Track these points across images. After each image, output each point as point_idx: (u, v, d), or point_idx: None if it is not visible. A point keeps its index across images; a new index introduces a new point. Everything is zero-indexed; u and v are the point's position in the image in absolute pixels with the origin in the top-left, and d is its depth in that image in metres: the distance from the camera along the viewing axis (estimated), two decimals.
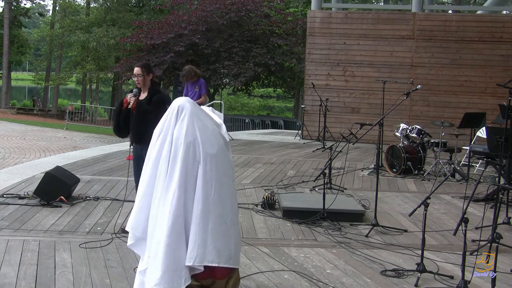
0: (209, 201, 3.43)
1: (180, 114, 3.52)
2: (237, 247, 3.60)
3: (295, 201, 6.57)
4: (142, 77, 5.36)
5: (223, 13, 19.28)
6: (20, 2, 37.77)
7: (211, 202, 3.43)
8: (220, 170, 3.51)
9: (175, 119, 3.52)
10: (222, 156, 3.55)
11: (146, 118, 5.24)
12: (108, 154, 10.50)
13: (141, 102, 5.35)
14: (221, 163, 3.53)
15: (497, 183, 7.21)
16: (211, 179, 3.45)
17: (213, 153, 3.47)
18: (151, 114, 5.23)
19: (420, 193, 7.91)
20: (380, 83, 10.36)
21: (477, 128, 9.77)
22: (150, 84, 5.42)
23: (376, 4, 38.07)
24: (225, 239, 3.48)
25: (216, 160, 3.49)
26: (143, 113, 5.29)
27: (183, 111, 3.52)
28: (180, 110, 3.53)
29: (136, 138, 5.40)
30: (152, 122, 5.21)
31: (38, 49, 42.18)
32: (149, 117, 5.22)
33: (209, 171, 3.44)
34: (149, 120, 5.22)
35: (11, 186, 7.20)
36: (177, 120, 3.52)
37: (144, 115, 5.27)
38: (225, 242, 3.47)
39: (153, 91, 5.39)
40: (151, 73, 5.42)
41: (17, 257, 4.61)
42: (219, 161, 3.51)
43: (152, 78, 5.46)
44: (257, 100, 48.82)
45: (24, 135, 16.94)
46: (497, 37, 13.55)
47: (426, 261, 4.62)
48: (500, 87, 5.84)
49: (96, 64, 31.86)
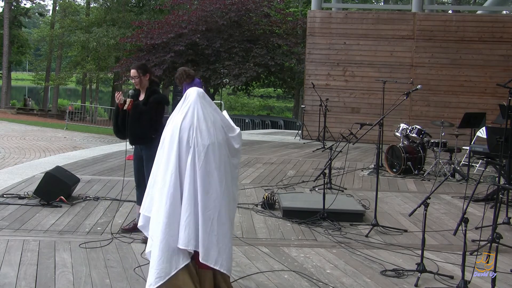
0: (195, 189, 3.52)
1: (184, 100, 3.70)
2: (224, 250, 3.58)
3: (295, 201, 6.57)
4: (139, 79, 5.31)
5: (223, 13, 19.26)
6: (20, 2, 37.80)
7: (198, 190, 3.52)
8: (213, 161, 3.56)
9: (180, 105, 3.70)
10: (219, 150, 3.60)
11: (141, 119, 5.20)
12: (108, 154, 10.50)
13: (137, 104, 5.31)
14: (217, 155, 3.58)
15: (497, 183, 7.21)
16: (201, 168, 3.52)
17: (207, 144, 3.55)
18: (147, 115, 5.20)
19: (420, 193, 7.91)
20: (380, 83, 10.37)
21: (477, 128, 9.77)
22: (148, 85, 5.38)
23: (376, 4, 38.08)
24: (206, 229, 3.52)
25: (212, 151, 3.56)
26: (138, 114, 5.24)
27: (187, 98, 3.70)
28: (186, 97, 3.72)
29: (132, 139, 5.36)
30: (148, 123, 5.21)
31: (38, 49, 42.21)
32: (145, 118, 5.19)
33: (202, 161, 3.52)
34: (144, 121, 5.20)
35: (11, 186, 7.20)
36: (181, 106, 3.68)
37: (140, 116, 5.22)
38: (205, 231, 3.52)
39: (150, 92, 5.35)
40: (147, 74, 5.36)
41: (17, 257, 4.61)
42: (215, 152, 3.57)
43: (151, 78, 5.41)
44: (257, 100, 48.82)
45: (24, 135, 16.95)
46: (497, 37, 13.55)
47: (426, 261, 4.62)
48: (500, 87, 5.84)
49: (96, 64, 31.87)
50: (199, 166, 3.51)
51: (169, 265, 3.48)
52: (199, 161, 3.51)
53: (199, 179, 3.51)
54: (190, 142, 3.53)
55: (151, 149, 4.94)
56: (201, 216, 3.50)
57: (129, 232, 5.38)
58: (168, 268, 3.48)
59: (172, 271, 3.48)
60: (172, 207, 3.50)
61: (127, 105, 5.28)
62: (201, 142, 3.53)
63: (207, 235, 3.50)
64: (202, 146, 3.53)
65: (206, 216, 3.50)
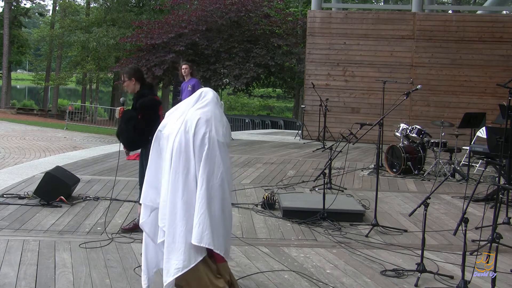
0: (213, 183, 3.54)
1: (201, 97, 3.72)
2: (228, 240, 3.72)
3: (295, 201, 6.56)
4: (126, 83, 5.25)
5: (223, 13, 19.27)
6: (20, 2, 37.78)
7: (214, 184, 3.54)
8: (227, 159, 3.65)
9: (194, 102, 3.71)
10: (226, 151, 3.68)
11: (129, 124, 5.16)
12: (108, 154, 10.49)
13: (128, 110, 5.29)
14: (225, 156, 3.65)
15: (497, 183, 7.21)
16: (219, 163, 3.56)
17: (222, 141, 3.60)
18: (133, 121, 5.15)
19: (420, 193, 7.91)
20: (380, 83, 10.37)
21: (477, 128, 9.77)
22: (139, 88, 5.28)
23: (376, 4, 38.07)
24: (221, 226, 3.58)
25: (225, 149, 3.63)
26: (126, 120, 5.20)
27: (205, 96, 3.74)
28: (203, 95, 3.74)
29: (125, 145, 5.34)
30: (136, 128, 5.14)
31: (38, 49, 42.16)
32: (131, 123, 5.14)
33: (217, 156, 3.56)
34: (131, 126, 5.13)
35: (11, 186, 7.20)
36: (197, 103, 3.70)
37: (128, 121, 5.18)
38: (221, 228, 3.58)
39: (138, 96, 5.27)
40: (133, 78, 5.23)
41: (17, 257, 4.61)
42: (226, 152, 3.65)
43: (140, 80, 5.28)
44: (257, 100, 48.77)
45: (24, 135, 16.95)
46: (497, 37, 13.56)
47: (426, 261, 4.62)
48: (500, 87, 5.85)
49: (96, 64, 31.86)
50: (220, 163, 3.55)
51: (189, 257, 3.50)
52: (219, 158, 3.55)
53: (219, 175, 3.55)
54: (205, 140, 3.54)
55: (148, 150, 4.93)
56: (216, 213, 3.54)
57: (129, 232, 5.38)
58: (187, 261, 3.49)
59: (191, 263, 3.50)
60: (187, 203, 3.51)
61: (117, 113, 5.27)
62: (217, 138, 3.58)
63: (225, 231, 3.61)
64: (218, 143, 3.57)
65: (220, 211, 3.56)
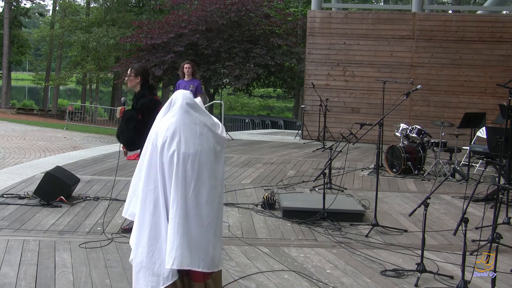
0: (187, 202, 3.30)
1: (171, 106, 3.47)
2: (215, 251, 3.43)
3: (295, 201, 6.56)
4: (129, 78, 5.25)
5: (223, 13, 19.27)
6: (20, 2, 37.77)
7: (189, 203, 3.31)
8: (202, 170, 3.37)
9: (165, 111, 3.47)
10: (208, 156, 3.40)
11: (130, 124, 5.16)
12: (108, 154, 10.49)
13: (128, 110, 5.28)
14: (205, 163, 3.37)
15: (497, 183, 7.21)
16: (190, 179, 3.31)
17: (193, 152, 3.33)
18: (133, 121, 5.14)
19: (420, 193, 7.91)
20: (380, 83, 10.37)
21: (477, 128, 9.77)
22: (139, 88, 5.28)
23: (376, 4, 38.08)
24: (202, 243, 3.34)
25: (199, 159, 3.34)
26: (126, 120, 5.19)
27: (174, 104, 3.47)
28: (172, 103, 3.48)
29: (125, 146, 5.33)
30: (137, 128, 5.13)
31: (38, 49, 42.18)
32: (133, 123, 5.14)
33: (189, 170, 3.31)
34: (132, 126, 5.13)
35: (11, 186, 7.20)
36: (168, 111, 3.46)
37: (128, 121, 5.18)
38: (202, 245, 3.33)
39: (138, 96, 5.26)
40: (139, 77, 5.24)
41: (17, 257, 4.61)
42: (201, 161, 3.36)
43: (144, 81, 5.28)
44: (257, 100, 48.78)
45: (24, 135, 16.95)
46: (497, 37, 13.55)
47: (426, 261, 4.62)
48: (500, 87, 5.85)
49: (96, 64, 31.87)
50: (192, 176, 3.31)
51: (157, 279, 3.28)
52: (191, 171, 3.30)
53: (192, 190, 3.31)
54: (173, 157, 3.29)
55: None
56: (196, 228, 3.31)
57: (129, 232, 5.37)
58: (155, 282, 3.28)
59: (160, 286, 3.28)
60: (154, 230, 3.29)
61: (118, 113, 5.27)
62: (186, 152, 3.31)
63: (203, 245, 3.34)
64: (190, 156, 3.31)
65: (199, 226, 3.32)
